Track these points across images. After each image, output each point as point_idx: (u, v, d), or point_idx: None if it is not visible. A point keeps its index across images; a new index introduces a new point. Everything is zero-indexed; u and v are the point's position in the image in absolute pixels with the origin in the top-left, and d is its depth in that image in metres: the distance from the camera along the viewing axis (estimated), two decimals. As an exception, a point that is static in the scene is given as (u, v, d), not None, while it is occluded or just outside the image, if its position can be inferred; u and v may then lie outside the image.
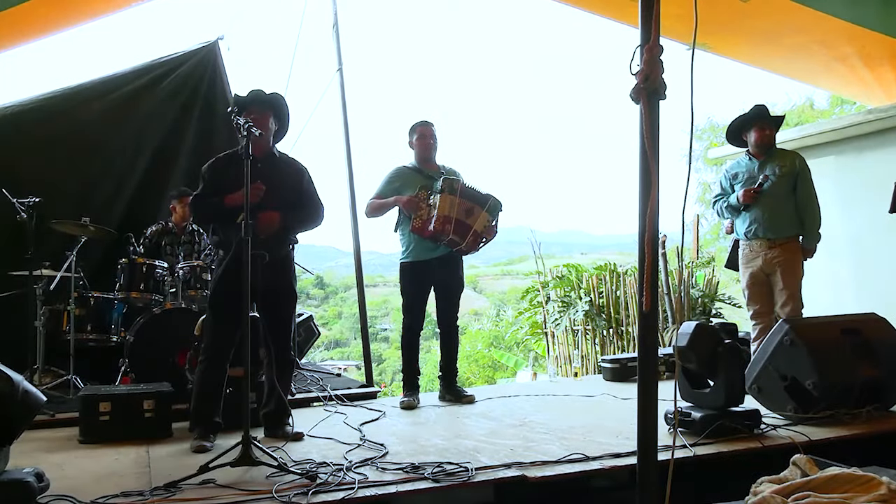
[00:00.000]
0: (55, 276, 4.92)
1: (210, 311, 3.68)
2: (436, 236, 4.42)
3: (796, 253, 4.67)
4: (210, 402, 3.60)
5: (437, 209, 4.38)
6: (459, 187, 4.45)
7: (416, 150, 4.73)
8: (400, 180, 4.65)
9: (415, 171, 4.68)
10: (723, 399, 3.41)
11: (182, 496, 2.61)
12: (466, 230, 4.46)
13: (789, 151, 4.82)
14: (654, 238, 2.29)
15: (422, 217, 4.46)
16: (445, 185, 4.43)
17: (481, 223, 4.49)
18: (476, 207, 4.49)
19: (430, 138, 4.70)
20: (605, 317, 7.72)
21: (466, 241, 4.47)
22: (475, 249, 4.60)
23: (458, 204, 4.42)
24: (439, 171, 4.67)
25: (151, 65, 6.02)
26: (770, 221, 4.63)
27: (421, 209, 4.46)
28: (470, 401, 4.65)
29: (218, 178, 3.66)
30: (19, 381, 2.41)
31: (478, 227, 4.48)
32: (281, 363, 3.74)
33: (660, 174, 2.27)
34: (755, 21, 5.85)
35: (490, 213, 4.53)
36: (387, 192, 4.64)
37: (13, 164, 5.36)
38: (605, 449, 3.15)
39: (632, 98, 2.32)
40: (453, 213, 4.39)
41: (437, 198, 4.40)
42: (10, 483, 2.31)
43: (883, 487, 2.09)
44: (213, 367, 3.60)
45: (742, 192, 4.68)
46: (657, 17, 2.32)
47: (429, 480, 2.75)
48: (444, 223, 4.37)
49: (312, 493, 2.58)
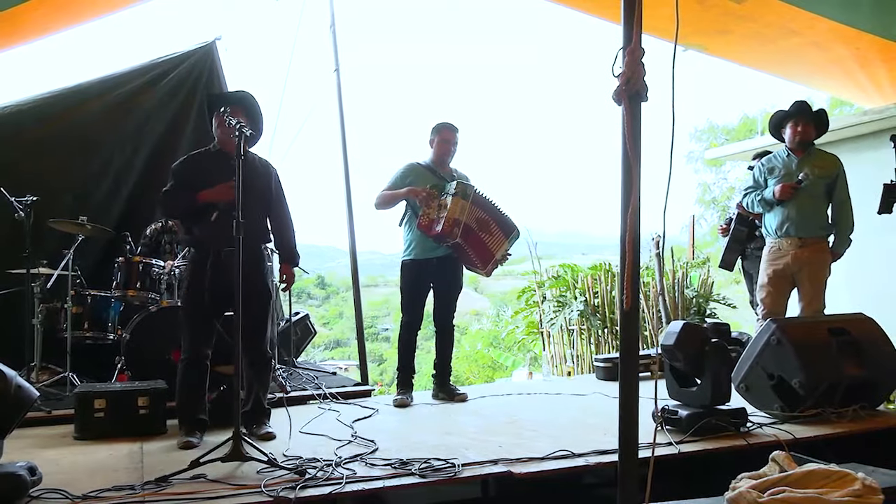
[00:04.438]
0: (52, 274, 4.97)
1: (184, 310, 3.69)
2: (441, 238, 4.45)
3: (824, 254, 4.67)
4: (192, 400, 3.64)
5: (447, 210, 4.40)
6: (473, 194, 4.48)
7: (435, 151, 4.75)
8: (412, 176, 4.67)
9: (428, 169, 4.71)
10: (709, 397, 3.45)
11: (173, 490, 2.66)
12: (483, 250, 4.56)
13: (829, 154, 4.79)
14: (635, 238, 2.33)
15: (430, 216, 4.47)
16: (459, 189, 4.45)
17: (502, 251, 4.65)
18: (494, 226, 4.58)
19: (451, 144, 4.74)
20: (599, 316, 7.75)
21: (487, 267, 4.63)
22: (490, 274, 4.74)
23: (470, 210, 4.46)
24: (451, 175, 4.72)
25: (149, 65, 6.06)
26: (802, 220, 4.63)
27: (430, 207, 4.50)
28: (462, 399, 4.69)
29: (190, 175, 3.67)
30: (12, 376, 2.46)
31: (499, 255, 4.64)
32: (257, 363, 3.73)
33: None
34: (749, 23, 5.87)
35: (510, 243, 4.69)
36: (398, 186, 4.66)
37: (12, 164, 5.40)
38: (591, 446, 3.18)
39: (614, 100, 2.37)
40: (463, 218, 4.42)
41: (449, 199, 4.42)
42: (3, 476, 2.35)
43: (857, 483, 2.13)
44: (193, 366, 3.63)
45: (780, 187, 4.65)
46: (639, 20, 2.36)
47: (416, 476, 2.79)
48: (453, 226, 4.39)
49: (301, 487, 2.63)
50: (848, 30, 5.77)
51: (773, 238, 4.77)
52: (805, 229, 4.65)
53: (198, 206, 3.55)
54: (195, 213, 3.59)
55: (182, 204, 3.64)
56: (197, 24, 8.93)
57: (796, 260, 4.66)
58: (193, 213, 3.61)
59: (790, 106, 4.76)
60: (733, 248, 5.73)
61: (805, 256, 4.64)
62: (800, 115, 4.71)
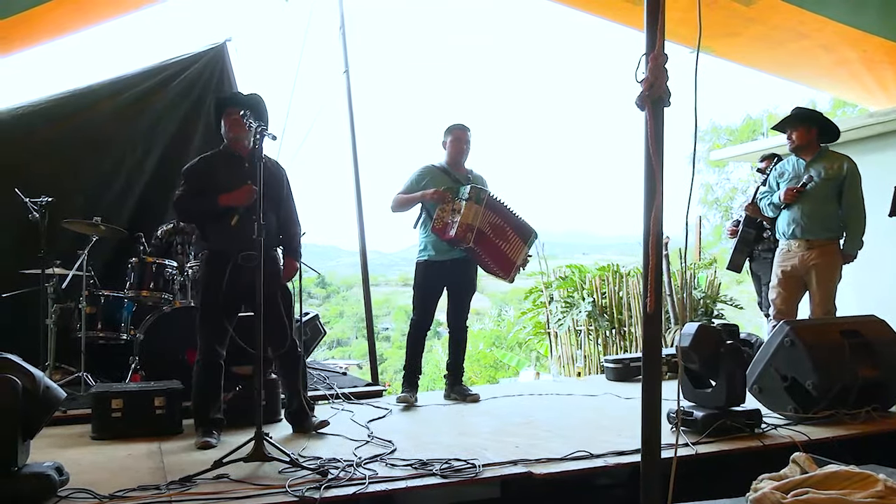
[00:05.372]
0: (66, 274, 4.99)
1: (207, 313, 3.70)
2: (455, 241, 4.47)
3: (833, 256, 4.69)
4: (209, 401, 3.67)
5: (460, 215, 4.42)
6: (486, 199, 4.50)
7: (449, 152, 4.79)
8: (428, 178, 4.70)
9: (443, 171, 4.74)
10: (724, 399, 3.47)
11: (198, 490, 2.69)
12: (502, 257, 4.60)
13: (839, 155, 4.80)
14: (658, 242, 2.36)
15: (444, 219, 4.50)
16: (473, 193, 4.47)
17: (522, 257, 4.70)
18: (510, 231, 4.62)
19: (464, 143, 4.77)
20: (607, 317, 7.79)
21: (510, 274, 4.67)
22: (513, 280, 4.79)
23: (483, 215, 4.48)
24: (466, 176, 4.75)
25: (160, 66, 6.07)
26: (808, 223, 4.67)
27: (445, 210, 4.52)
28: (475, 399, 4.72)
29: (202, 178, 3.68)
30: (40, 377, 2.49)
31: (519, 262, 4.69)
32: (285, 361, 3.78)
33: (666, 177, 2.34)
34: (758, 25, 5.91)
35: (528, 247, 4.73)
36: (414, 189, 4.69)
37: (23, 164, 5.42)
38: (608, 447, 3.21)
39: (637, 105, 2.39)
40: (476, 223, 4.45)
41: (463, 204, 4.45)
42: (33, 476, 2.39)
43: (880, 484, 2.15)
44: (209, 367, 3.66)
45: (784, 191, 4.72)
46: (662, 27, 2.39)
47: (437, 476, 2.82)
48: (466, 231, 4.41)
49: (325, 487, 2.66)
50: (855, 32, 5.81)
51: (783, 240, 4.83)
52: (811, 231, 4.68)
53: (218, 209, 3.56)
54: (214, 216, 3.61)
55: (202, 208, 3.66)
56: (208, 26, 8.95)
57: (804, 262, 4.69)
58: (212, 216, 3.63)
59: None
60: (741, 250, 5.75)
61: (813, 258, 4.67)
62: (791, 121, 4.78)
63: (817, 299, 4.67)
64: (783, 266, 4.80)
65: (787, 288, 4.79)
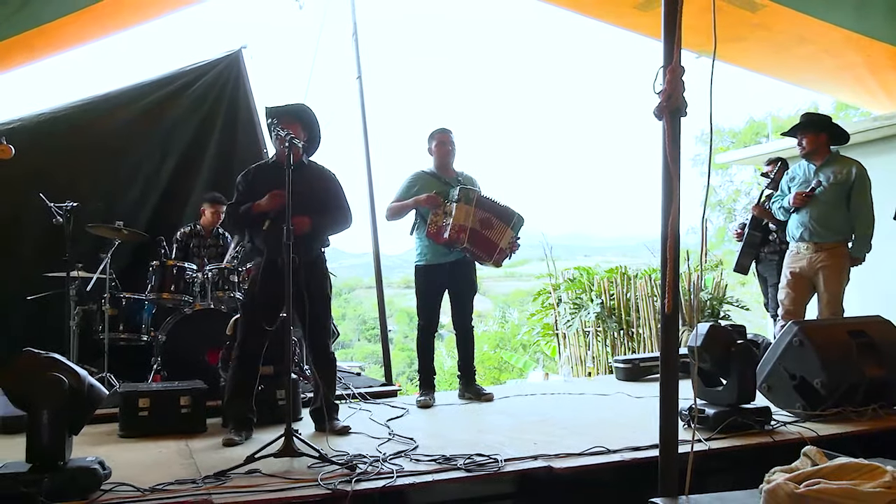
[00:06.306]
0: (89, 277, 5.11)
1: (244, 312, 3.85)
2: (450, 244, 4.58)
3: (841, 259, 4.80)
4: (243, 398, 3.77)
5: (452, 217, 4.53)
6: (476, 198, 4.60)
7: (435, 157, 4.89)
8: (418, 184, 4.81)
9: (433, 176, 4.85)
10: (735, 397, 3.58)
11: (232, 484, 2.80)
12: (488, 244, 4.65)
13: (849, 160, 4.91)
14: (675, 246, 2.48)
15: (437, 223, 4.61)
16: (462, 194, 4.58)
17: (506, 240, 4.72)
18: (495, 220, 4.67)
19: (448, 145, 4.87)
20: (615, 318, 7.90)
21: (494, 257, 4.69)
22: (500, 264, 4.82)
23: (474, 214, 4.58)
24: (456, 178, 4.85)
25: (177, 73, 6.21)
26: (816, 226, 4.79)
27: (437, 214, 4.64)
28: (489, 399, 4.81)
29: (251, 187, 3.84)
30: (85, 376, 2.61)
31: (503, 244, 4.71)
32: (320, 362, 3.89)
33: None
34: (763, 31, 6.01)
35: (514, 230, 4.76)
36: (406, 197, 4.81)
37: (45, 169, 5.53)
38: (624, 443, 3.31)
39: (655, 115, 2.52)
40: (468, 223, 4.56)
41: (454, 206, 4.56)
42: (80, 469, 2.50)
43: (888, 475, 2.26)
44: (246, 365, 3.77)
45: (793, 196, 4.86)
46: (679, 40, 2.51)
47: (461, 470, 2.93)
48: (459, 232, 4.52)
49: (355, 481, 2.77)
50: (860, 38, 5.91)
51: (793, 243, 4.97)
52: (819, 234, 4.80)
53: (253, 216, 3.71)
54: (252, 222, 3.76)
55: (241, 219, 3.83)
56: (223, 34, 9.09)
57: (813, 264, 4.81)
58: (251, 222, 3.77)
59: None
60: (748, 252, 5.84)
61: (821, 261, 4.78)
62: (798, 128, 4.92)
63: (825, 301, 4.79)
64: (792, 268, 4.92)
65: (795, 289, 4.91)
